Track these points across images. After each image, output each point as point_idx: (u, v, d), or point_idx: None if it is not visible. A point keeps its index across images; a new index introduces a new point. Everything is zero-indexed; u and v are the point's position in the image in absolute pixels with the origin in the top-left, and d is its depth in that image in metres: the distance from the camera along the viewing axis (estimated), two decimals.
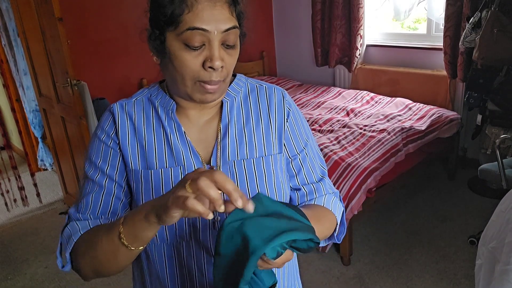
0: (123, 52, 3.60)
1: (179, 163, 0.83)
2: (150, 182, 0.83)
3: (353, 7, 3.61)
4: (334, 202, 0.94)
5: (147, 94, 0.89)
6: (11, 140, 4.59)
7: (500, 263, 1.25)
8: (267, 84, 0.93)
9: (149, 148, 0.84)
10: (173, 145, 0.84)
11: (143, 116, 0.86)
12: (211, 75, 0.75)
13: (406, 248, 2.64)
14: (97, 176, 0.84)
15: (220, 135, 0.86)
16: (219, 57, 0.74)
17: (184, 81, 0.78)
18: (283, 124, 0.90)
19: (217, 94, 0.80)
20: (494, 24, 2.55)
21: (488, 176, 2.51)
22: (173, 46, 0.76)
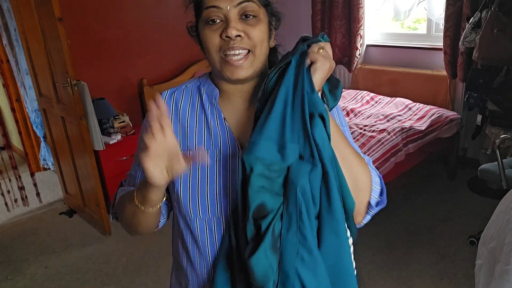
0: (123, 52, 3.60)
1: (216, 146, 0.88)
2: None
3: (353, 7, 3.61)
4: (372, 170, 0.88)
5: (197, 83, 0.95)
6: (11, 140, 4.59)
7: (500, 263, 1.25)
8: None
9: (190, 131, 0.90)
10: (212, 130, 0.89)
11: (190, 102, 0.93)
12: (229, 43, 0.80)
13: (406, 248, 2.64)
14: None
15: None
16: (233, 26, 0.80)
17: (211, 56, 0.84)
18: None
19: (247, 70, 0.83)
20: (494, 24, 2.55)
21: (488, 176, 2.51)
22: (201, 28, 0.85)
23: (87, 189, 3.02)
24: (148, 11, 3.66)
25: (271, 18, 0.91)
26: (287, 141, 0.73)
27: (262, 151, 0.72)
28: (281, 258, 0.73)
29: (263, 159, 0.72)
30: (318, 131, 0.73)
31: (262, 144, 0.73)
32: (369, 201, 0.85)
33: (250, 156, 0.73)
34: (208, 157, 0.88)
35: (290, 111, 0.74)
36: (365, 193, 0.84)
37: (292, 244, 0.73)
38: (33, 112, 3.79)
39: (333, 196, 0.74)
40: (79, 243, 2.96)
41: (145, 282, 2.50)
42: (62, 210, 3.42)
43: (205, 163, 0.86)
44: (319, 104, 0.74)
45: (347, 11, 3.73)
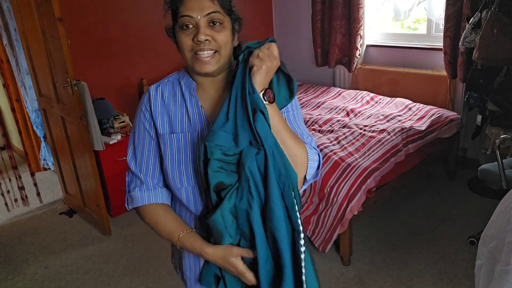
0: (123, 52, 3.60)
1: (194, 129, 1.09)
2: (174, 143, 1.10)
3: (353, 7, 3.62)
4: (310, 151, 1.10)
5: (177, 77, 1.16)
6: (11, 140, 4.60)
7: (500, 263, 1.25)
8: None
9: (174, 118, 1.11)
10: (191, 116, 1.09)
11: (172, 93, 1.13)
12: (200, 45, 1.00)
13: (406, 248, 2.64)
14: (140, 136, 1.15)
15: None
16: (202, 32, 0.99)
17: (185, 55, 1.05)
18: None
19: (213, 65, 1.03)
20: (494, 24, 2.55)
21: (488, 176, 2.51)
22: (177, 31, 1.05)
23: (87, 189, 3.02)
24: (148, 11, 3.66)
25: (234, 23, 1.08)
26: (239, 132, 0.95)
27: (221, 140, 0.95)
28: (237, 220, 0.99)
29: (221, 146, 0.95)
30: (260, 123, 0.94)
31: (220, 134, 0.95)
32: (305, 175, 1.08)
33: (211, 144, 0.94)
34: (189, 139, 1.09)
35: (240, 108, 0.96)
36: (302, 169, 1.06)
37: (242, 210, 0.98)
38: (33, 112, 3.79)
39: (269, 175, 0.95)
40: (79, 243, 2.96)
41: (145, 282, 2.50)
42: (62, 210, 3.42)
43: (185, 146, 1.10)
44: (259, 102, 0.95)
45: (347, 11, 3.73)
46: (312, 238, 2.57)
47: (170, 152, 1.10)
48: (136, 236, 2.98)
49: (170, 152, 1.10)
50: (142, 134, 1.15)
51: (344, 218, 2.35)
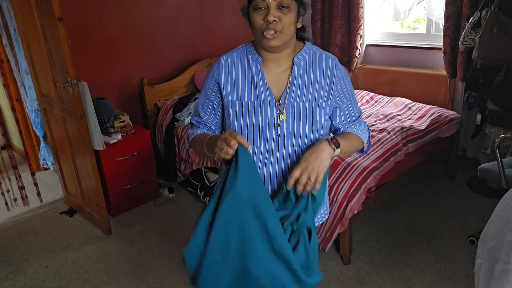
0: (123, 52, 3.60)
1: (260, 99, 1.30)
2: (242, 109, 1.31)
3: (353, 7, 3.62)
4: (359, 129, 1.39)
5: (243, 50, 1.35)
6: (12, 140, 4.60)
7: (499, 262, 1.25)
8: (325, 52, 1.35)
9: (242, 87, 1.31)
10: (257, 86, 1.30)
11: (240, 65, 1.33)
12: (268, 25, 1.19)
13: (406, 247, 2.64)
14: (206, 99, 1.41)
15: (289, 83, 1.30)
16: (272, 14, 1.18)
17: (256, 32, 1.24)
18: (333, 80, 1.31)
19: (277, 41, 1.21)
20: (494, 24, 2.55)
21: (488, 175, 2.51)
22: (251, 12, 1.24)
23: (88, 188, 3.03)
24: (148, 11, 3.66)
25: (300, 7, 1.25)
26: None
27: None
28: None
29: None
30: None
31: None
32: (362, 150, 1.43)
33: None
34: (255, 107, 1.31)
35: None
36: (360, 147, 1.41)
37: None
38: (33, 112, 3.79)
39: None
40: (79, 243, 2.96)
41: (146, 282, 2.51)
42: (62, 209, 3.42)
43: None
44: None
45: (347, 11, 3.73)
46: None
47: (238, 116, 1.32)
48: (137, 236, 2.99)
49: (237, 116, 1.32)
50: (205, 97, 1.40)
51: (344, 217, 2.36)
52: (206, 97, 1.39)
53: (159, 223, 3.13)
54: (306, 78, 1.30)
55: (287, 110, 1.28)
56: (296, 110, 1.28)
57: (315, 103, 1.29)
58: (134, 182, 3.27)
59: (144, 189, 3.38)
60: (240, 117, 1.31)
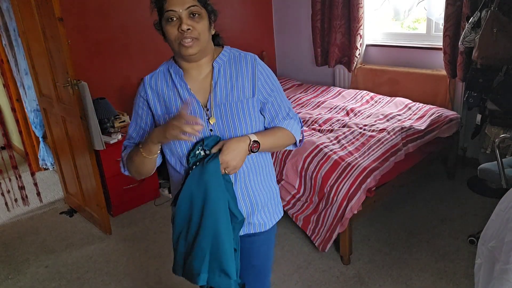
0: (123, 52, 3.60)
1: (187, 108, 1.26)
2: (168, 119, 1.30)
3: (353, 7, 3.62)
4: (290, 123, 1.39)
5: (166, 66, 1.38)
6: (12, 140, 4.60)
7: (499, 262, 1.25)
8: (244, 52, 1.37)
9: (169, 100, 1.33)
10: (183, 97, 1.31)
11: (163, 80, 1.35)
12: (183, 34, 1.21)
13: (406, 247, 2.64)
14: (137, 119, 1.40)
15: (211, 87, 1.31)
16: (185, 23, 1.20)
17: (173, 44, 1.25)
18: (255, 76, 1.32)
19: (194, 48, 1.23)
20: (494, 24, 2.55)
21: (488, 175, 2.51)
22: (163, 24, 1.25)
23: (88, 188, 3.03)
24: (148, 11, 3.65)
25: (210, 14, 1.28)
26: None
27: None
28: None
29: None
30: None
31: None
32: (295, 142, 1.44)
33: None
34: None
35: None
36: (291, 143, 1.43)
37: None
38: (32, 112, 3.79)
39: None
40: (79, 243, 2.97)
41: (146, 282, 2.51)
42: (62, 209, 3.43)
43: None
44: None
45: (347, 11, 3.73)
46: (312, 237, 2.57)
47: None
48: (137, 236, 2.99)
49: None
50: (137, 117, 1.40)
51: (344, 217, 2.36)
52: (137, 117, 1.39)
53: (159, 223, 3.13)
54: (228, 78, 1.31)
55: (215, 113, 1.28)
56: (223, 111, 1.28)
57: (241, 100, 1.30)
58: (134, 182, 3.27)
59: (144, 189, 3.38)
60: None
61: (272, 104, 1.35)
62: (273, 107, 1.36)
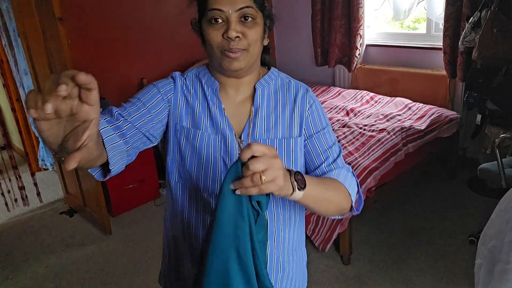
0: (123, 52, 3.60)
1: (218, 133, 1.02)
2: (197, 141, 1.02)
3: (353, 7, 3.62)
4: (342, 173, 1.03)
5: (196, 72, 1.09)
6: (12, 140, 4.60)
7: (499, 262, 1.25)
8: (294, 80, 1.11)
9: (198, 114, 1.03)
10: (214, 116, 1.03)
11: (192, 89, 1.06)
12: (230, 43, 0.93)
13: (406, 247, 2.64)
14: (140, 107, 0.99)
15: (251, 115, 1.04)
16: (233, 28, 0.92)
17: (213, 51, 0.97)
18: (305, 112, 1.05)
19: (241, 62, 0.96)
20: (494, 24, 2.55)
21: (488, 175, 2.51)
22: (204, 27, 0.97)
23: (88, 188, 3.03)
24: (148, 11, 3.66)
25: (266, 20, 1.02)
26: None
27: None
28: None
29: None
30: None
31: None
32: (350, 210, 1.04)
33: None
34: (212, 141, 1.02)
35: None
36: (347, 205, 1.01)
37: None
38: None
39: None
40: (79, 243, 2.96)
41: (146, 282, 2.51)
42: (62, 209, 3.42)
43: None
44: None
45: (347, 11, 3.73)
46: (312, 237, 2.57)
47: (192, 150, 1.02)
48: (137, 236, 2.99)
49: (191, 150, 1.02)
50: (141, 106, 0.99)
51: (344, 217, 2.35)
52: (141, 106, 0.99)
53: (159, 223, 3.13)
54: (272, 108, 1.05)
55: None
56: None
57: (287, 138, 1.03)
58: (134, 182, 3.27)
59: (144, 189, 3.38)
60: (194, 152, 1.01)
61: (317, 146, 1.06)
62: (319, 148, 1.05)
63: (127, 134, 0.95)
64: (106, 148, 0.87)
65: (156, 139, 1.04)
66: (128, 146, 0.95)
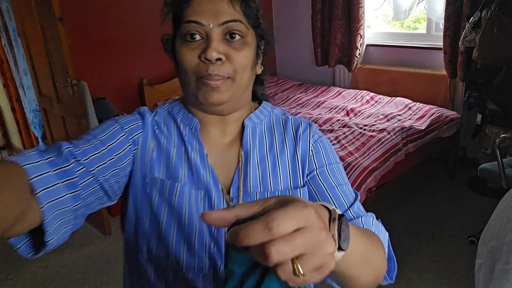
0: (123, 52, 3.60)
1: (199, 187, 0.77)
2: (174, 196, 0.76)
3: (353, 6, 3.61)
4: (375, 225, 0.80)
5: (168, 108, 0.86)
6: (11, 140, 4.60)
7: (500, 262, 1.25)
8: (293, 117, 0.88)
9: (175, 163, 0.79)
10: (194, 166, 0.78)
11: (165, 129, 0.82)
12: (208, 67, 0.71)
13: (406, 247, 2.64)
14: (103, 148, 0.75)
15: (241, 161, 0.80)
16: (214, 48, 0.70)
17: (187, 78, 0.75)
18: (308, 151, 0.82)
19: (223, 94, 0.73)
20: (494, 24, 2.55)
21: (488, 175, 2.51)
22: (177, 44, 0.76)
23: None
24: (148, 11, 3.66)
25: (260, 41, 0.79)
26: None
27: None
28: None
29: None
30: None
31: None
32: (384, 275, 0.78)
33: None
34: (194, 199, 0.77)
35: None
36: (381, 279, 0.76)
37: None
38: (31, 112, 3.78)
39: None
40: (79, 243, 2.96)
41: None
42: None
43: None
44: None
45: (347, 11, 3.73)
46: None
47: (169, 207, 0.76)
48: None
49: (167, 208, 0.76)
50: (113, 139, 0.77)
51: None
52: (102, 146, 0.75)
53: None
54: (267, 150, 0.82)
55: None
56: None
57: (291, 190, 0.79)
58: None
59: None
60: (172, 213, 0.76)
61: (322, 183, 0.81)
62: (324, 186, 0.81)
63: (79, 184, 0.67)
64: (42, 207, 0.58)
65: (115, 196, 0.78)
66: (77, 203, 0.66)
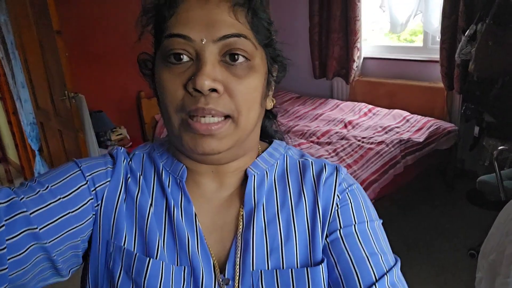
0: (121, 65, 3.61)
1: (183, 262, 0.55)
2: (144, 274, 0.54)
3: (350, 20, 3.64)
4: None
5: (148, 150, 0.65)
6: (7, 154, 4.57)
7: (500, 275, 1.23)
8: (315, 159, 0.64)
9: (150, 228, 0.57)
10: (177, 229, 0.56)
11: (141, 178, 0.60)
12: (198, 101, 0.50)
13: (406, 261, 2.61)
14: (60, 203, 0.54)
15: (242, 225, 0.58)
16: (207, 74, 0.49)
17: (169, 115, 0.53)
18: (331, 205, 0.59)
19: (220, 141, 0.53)
20: (489, 37, 2.57)
21: (486, 187, 2.50)
22: (157, 67, 0.56)
23: None
24: None
25: (272, 65, 0.59)
26: None
27: None
28: None
29: None
30: None
31: None
32: None
33: None
34: (173, 277, 0.55)
35: None
36: None
37: None
38: (28, 125, 3.77)
39: None
40: None
41: None
42: None
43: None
44: None
45: (344, 24, 3.76)
46: None
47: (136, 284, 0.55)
48: None
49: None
50: (68, 188, 0.56)
51: None
52: (52, 198, 0.55)
53: None
54: (278, 208, 0.59)
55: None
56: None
57: (311, 267, 0.57)
58: None
59: None
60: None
61: (348, 250, 0.59)
62: (350, 256, 0.59)
63: (14, 256, 0.48)
64: None
65: (66, 272, 0.56)
66: (7, 286, 0.48)
